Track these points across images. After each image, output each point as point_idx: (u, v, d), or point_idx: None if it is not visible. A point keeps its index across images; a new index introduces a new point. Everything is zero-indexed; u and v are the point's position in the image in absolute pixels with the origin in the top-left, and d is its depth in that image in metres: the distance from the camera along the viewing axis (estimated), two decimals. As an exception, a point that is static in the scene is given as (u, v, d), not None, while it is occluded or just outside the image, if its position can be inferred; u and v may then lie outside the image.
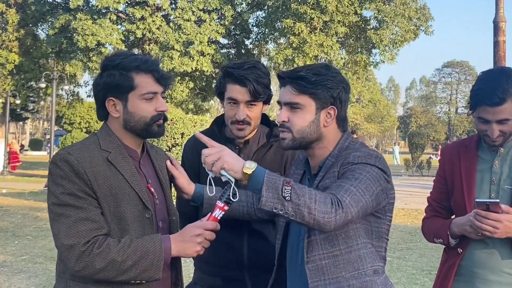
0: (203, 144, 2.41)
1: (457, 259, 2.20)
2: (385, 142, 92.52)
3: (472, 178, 2.18)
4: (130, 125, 1.88)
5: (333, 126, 1.92)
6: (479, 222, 1.99)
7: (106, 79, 1.85)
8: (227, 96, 2.32)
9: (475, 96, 2.08)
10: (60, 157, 1.78)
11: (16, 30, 26.91)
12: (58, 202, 1.75)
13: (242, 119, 2.29)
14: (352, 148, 1.89)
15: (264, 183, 1.62)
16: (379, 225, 1.87)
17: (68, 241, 1.71)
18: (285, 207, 1.60)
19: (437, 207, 2.38)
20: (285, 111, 1.89)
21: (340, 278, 1.80)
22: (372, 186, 1.75)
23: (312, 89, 1.85)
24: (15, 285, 6.06)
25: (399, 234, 9.83)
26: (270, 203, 1.61)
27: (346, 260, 1.81)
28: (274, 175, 1.65)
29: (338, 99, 1.88)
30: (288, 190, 1.60)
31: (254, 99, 2.28)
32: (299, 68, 1.93)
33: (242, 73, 2.24)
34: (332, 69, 1.92)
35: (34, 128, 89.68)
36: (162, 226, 1.94)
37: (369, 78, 34.32)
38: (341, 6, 21.14)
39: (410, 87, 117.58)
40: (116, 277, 1.73)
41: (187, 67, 23.20)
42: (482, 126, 2.11)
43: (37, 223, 10.44)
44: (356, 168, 1.77)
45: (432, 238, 2.32)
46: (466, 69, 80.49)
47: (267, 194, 1.61)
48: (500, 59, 8.18)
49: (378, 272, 1.85)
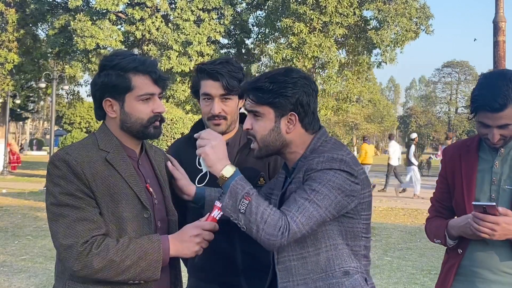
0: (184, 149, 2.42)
1: (457, 259, 2.21)
2: (385, 142, 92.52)
3: (472, 179, 2.19)
4: (127, 126, 1.88)
5: (298, 131, 1.92)
6: (477, 224, 2.00)
7: (104, 79, 1.85)
8: (201, 92, 2.33)
9: (475, 101, 2.08)
10: (58, 157, 1.78)
11: (16, 30, 26.90)
12: (57, 202, 1.75)
13: (218, 113, 2.29)
14: (320, 151, 1.89)
15: (229, 190, 1.73)
16: (353, 225, 1.88)
17: (66, 241, 1.71)
18: (238, 218, 1.72)
19: (439, 207, 2.38)
20: (249, 119, 1.95)
21: (307, 280, 1.84)
22: (331, 195, 1.76)
23: (269, 99, 1.87)
24: (15, 285, 6.06)
25: (399, 234, 9.83)
26: (228, 210, 1.74)
27: (314, 262, 1.84)
28: (240, 184, 1.74)
29: (299, 104, 1.88)
30: (245, 203, 1.71)
31: (228, 92, 2.28)
32: (259, 76, 1.96)
33: (214, 68, 2.27)
34: (294, 73, 1.92)
35: (34, 128, 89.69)
36: (160, 226, 1.93)
37: (369, 78, 34.32)
38: (341, 7, 21.12)
39: (410, 87, 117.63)
40: (114, 277, 1.73)
41: (185, 67, 23.19)
42: (483, 130, 2.12)
43: (37, 223, 10.44)
44: (317, 176, 1.78)
45: (433, 238, 2.34)
46: (466, 69, 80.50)
47: (227, 201, 1.73)
48: (500, 59, 8.18)
49: (348, 274, 1.85)
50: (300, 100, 1.88)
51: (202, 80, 2.32)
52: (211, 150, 1.82)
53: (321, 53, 21.36)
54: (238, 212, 1.71)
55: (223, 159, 1.82)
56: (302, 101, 1.89)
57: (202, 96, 2.34)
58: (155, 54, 23.39)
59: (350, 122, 60.72)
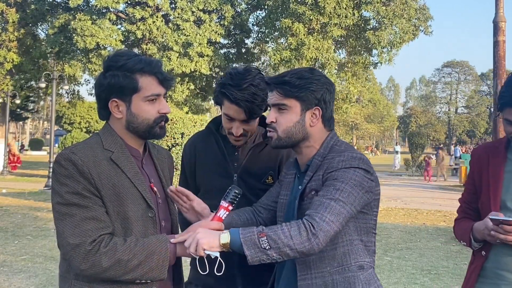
0: (201, 142, 2.48)
1: (480, 261, 2.20)
2: (385, 142, 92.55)
3: (499, 179, 2.15)
4: (133, 126, 1.89)
5: (319, 126, 2.03)
6: (504, 236, 1.98)
7: (110, 80, 1.85)
8: (223, 111, 2.34)
9: (502, 98, 2.06)
10: (64, 156, 1.78)
11: (16, 29, 26.90)
12: (63, 201, 1.75)
13: (239, 135, 2.32)
14: (337, 150, 2.00)
15: (243, 244, 1.73)
16: (367, 221, 1.99)
17: (74, 240, 1.71)
18: (269, 255, 1.73)
19: (467, 208, 2.35)
20: (273, 112, 2.02)
21: (325, 273, 1.92)
22: (354, 192, 1.86)
23: (296, 92, 1.97)
24: (15, 285, 6.07)
25: (399, 234, 9.84)
26: (256, 258, 1.74)
27: (331, 256, 1.92)
28: (248, 233, 1.75)
29: (322, 100, 2.00)
30: (264, 240, 1.73)
31: (249, 118, 2.29)
32: (284, 73, 2.04)
33: (238, 97, 2.23)
34: (316, 72, 2.05)
35: (34, 128, 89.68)
36: (164, 225, 1.95)
37: (369, 78, 34.32)
38: (339, 7, 21.12)
39: (410, 87, 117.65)
40: (122, 276, 1.73)
41: (185, 68, 23.19)
42: (509, 128, 2.09)
43: (37, 223, 10.45)
44: (339, 175, 1.88)
45: (460, 240, 2.32)
46: (466, 69, 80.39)
47: (250, 252, 1.73)
48: (500, 59, 8.18)
49: (363, 268, 1.96)
50: (324, 96, 2.00)
51: (225, 101, 2.28)
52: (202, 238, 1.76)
53: (319, 54, 21.36)
54: (265, 251, 1.73)
55: (213, 234, 1.78)
56: (325, 98, 2.01)
57: (223, 114, 2.34)
58: (155, 54, 23.38)
59: (350, 122, 60.75)
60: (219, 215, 1.87)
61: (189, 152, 2.52)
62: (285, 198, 2.10)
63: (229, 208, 1.87)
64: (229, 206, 1.87)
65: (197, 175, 2.48)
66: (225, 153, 2.41)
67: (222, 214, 1.87)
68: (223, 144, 2.43)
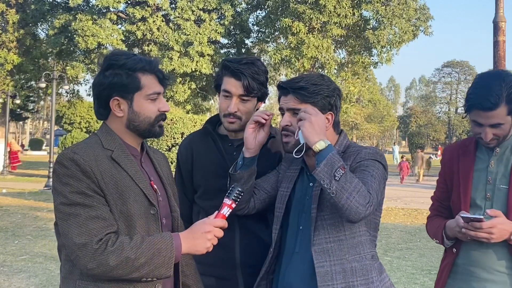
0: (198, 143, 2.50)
1: (451, 258, 2.26)
2: (385, 142, 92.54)
3: (469, 178, 2.22)
4: (134, 124, 1.91)
5: (330, 130, 2.12)
6: (474, 232, 2.03)
7: (112, 78, 1.86)
8: (222, 88, 2.37)
9: (468, 100, 2.11)
10: (65, 156, 1.78)
11: (16, 30, 26.90)
12: (67, 201, 1.74)
13: (233, 112, 2.33)
14: (356, 146, 2.12)
15: (326, 158, 1.86)
16: (376, 216, 2.10)
17: (80, 239, 1.70)
18: (331, 184, 1.83)
19: (439, 206, 2.42)
20: (288, 116, 2.09)
21: (344, 260, 2.00)
22: (381, 183, 1.99)
23: (312, 98, 2.05)
24: (15, 285, 6.07)
25: (399, 234, 9.84)
26: (322, 175, 1.85)
27: (350, 244, 2.02)
28: (337, 157, 1.88)
29: (334, 106, 2.11)
30: (340, 172, 1.84)
31: (247, 93, 2.32)
32: (297, 78, 2.12)
33: (239, 68, 2.31)
34: (326, 78, 2.14)
35: (34, 128, 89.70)
36: (166, 223, 1.96)
37: (369, 78, 34.30)
38: (339, 7, 21.12)
39: (410, 87, 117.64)
40: (129, 275, 1.73)
41: (186, 68, 23.19)
42: (476, 129, 2.15)
43: (37, 223, 10.45)
44: (369, 164, 2.00)
45: (432, 237, 2.39)
46: (466, 69, 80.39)
47: (323, 168, 1.85)
48: (500, 59, 8.18)
49: (374, 258, 2.09)
50: (336, 102, 2.11)
51: (225, 76, 2.36)
52: (309, 124, 1.93)
53: (319, 53, 21.37)
54: (332, 178, 1.82)
55: (320, 134, 1.93)
56: (336, 103, 2.12)
57: (222, 92, 2.39)
58: (156, 55, 23.39)
59: (350, 122, 60.72)
60: (222, 213, 1.89)
61: (185, 153, 2.53)
62: (286, 191, 2.16)
63: (233, 206, 1.90)
64: (232, 204, 1.90)
65: (195, 176, 2.49)
66: (223, 153, 2.42)
67: (225, 211, 1.89)
68: (221, 144, 2.44)
